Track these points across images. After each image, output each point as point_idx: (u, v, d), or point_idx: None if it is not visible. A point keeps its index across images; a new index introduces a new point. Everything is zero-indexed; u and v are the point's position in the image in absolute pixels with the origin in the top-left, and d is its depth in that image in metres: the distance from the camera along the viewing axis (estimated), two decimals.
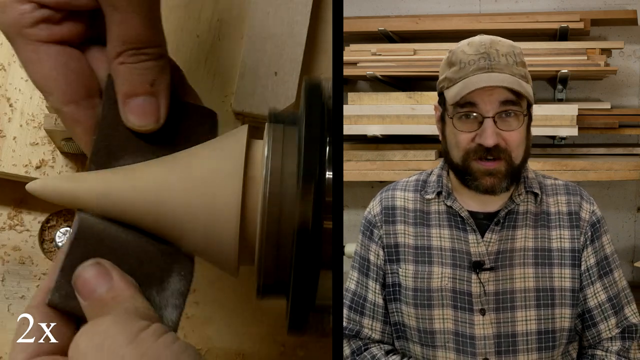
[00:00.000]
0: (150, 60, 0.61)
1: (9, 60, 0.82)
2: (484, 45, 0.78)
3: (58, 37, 0.62)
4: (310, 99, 0.62)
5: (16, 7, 0.60)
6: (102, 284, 0.56)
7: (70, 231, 0.83)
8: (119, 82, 0.62)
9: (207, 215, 0.60)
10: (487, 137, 0.76)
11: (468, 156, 0.78)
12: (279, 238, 0.60)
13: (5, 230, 0.83)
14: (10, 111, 0.81)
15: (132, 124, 0.62)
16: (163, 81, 0.62)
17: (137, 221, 0.61)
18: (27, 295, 0.81)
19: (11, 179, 0.81)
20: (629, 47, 1.69)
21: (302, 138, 0.59)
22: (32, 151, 0.80)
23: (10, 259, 0.82)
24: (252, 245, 0.61)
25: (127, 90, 0.62)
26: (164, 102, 0.63)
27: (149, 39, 0.60)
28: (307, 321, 0.62)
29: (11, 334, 0.79)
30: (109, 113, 0.63)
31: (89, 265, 0.57)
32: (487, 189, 0.78)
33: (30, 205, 0.83)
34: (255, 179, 0.60)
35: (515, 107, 0.77)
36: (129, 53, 0.60)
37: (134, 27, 0.59)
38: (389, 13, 1.78)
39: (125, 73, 0.61)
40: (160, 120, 0.63)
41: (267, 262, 0.61)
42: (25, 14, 0.60)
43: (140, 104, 0.62)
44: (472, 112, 0.77)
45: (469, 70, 0.77)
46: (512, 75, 0.76)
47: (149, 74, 0.61)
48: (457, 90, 0.77)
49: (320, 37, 0.89)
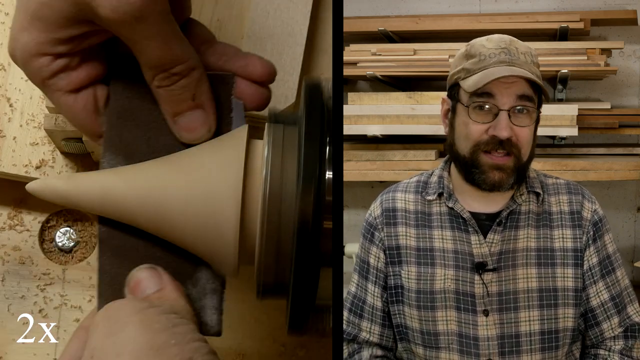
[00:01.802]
0: (183, 77, 0.62)
1: (9, 61, 0.82)
2: (504, 42, 0.79)
3: (77, 84, 0.63)
4: (310, 99, 0.62)
5: (35, 60, 0.61)
6: (153, 285, 0.60)
7: (69, 231, 0.83)
8: (162, 104, 0.63)
9: (206, 215, 0.60)
10: (502, 128, 0.76)
11: (478, 148, 0.78)
12: (279, 238, 0.60)
13: (5, 230, 0.82)
14: (10, 111, 0.81)
15: (186, 140, 0.64)
16: (203, 92, 0.63)
17: (137, 221, 0.61)
18: (27, 295, 0.81)
19: (11, 179, 0.81)
20: (629, 47, 1.69)
21: (302, 138, 0.59)
22: (32, 151, 0.80)
23: (10, 259, 0.82)
24: (252, 245, 0.61)
25: (172, 111, 0.63)
26: (210, 109, 0.64)
27: (171, 59, 0.61)
28: (307, 321, 0.62)
29: (11, 333, 0.80)
30: (115, 110, 0.64)
31: (144, 267, 0.61)
32: (495, 184, 0.78)
33: (30, 205, 0.83)
34: (255, 178, 0.60)
35: (529, 104, 0.78)
36: (160, 77, 0.61)
37: (153, 54, 0.60)
38: (389, 13, 1.78)
39: (165, 96, 0.62)
40: (212, 128, 0.64)
41: (267, 262, 0.61)
42: (43, 67, 0.61)
43: (188, 120, 0.63)
44: (487, 103, 0.77)
45: (490, 62, 0.77)
46: (531, 72, 0.77)
47: (186, 91, 0.62)
48: (477, 79, 0.77)
49: (320, 37, 0.89)
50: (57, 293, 0.82)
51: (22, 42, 0.60)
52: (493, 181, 0.78)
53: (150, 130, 0.64)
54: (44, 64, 0.61)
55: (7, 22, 0.83)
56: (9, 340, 0.80)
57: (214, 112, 0.64)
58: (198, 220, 0.60)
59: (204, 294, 0.63)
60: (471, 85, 0.78)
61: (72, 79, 0.63)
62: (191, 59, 0.62)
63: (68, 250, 0.83)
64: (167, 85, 0.62)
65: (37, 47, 0.60)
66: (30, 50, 0.61)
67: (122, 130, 0.64)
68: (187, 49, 0.62)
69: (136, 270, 0.61)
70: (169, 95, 0.62)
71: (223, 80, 0.65)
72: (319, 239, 0.58)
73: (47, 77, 0.62)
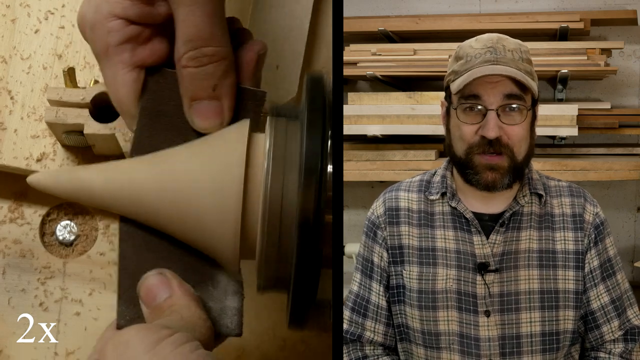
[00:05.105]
0: (212, 63, 0.62)
1: (10, 53, 0.82)
2: (491, 41, 0.79)
3: (139, 61, 0.63)
4: (312, 93, 0.62)
5: (105, 24, 0.61)
6: (163, 292, 0.60)
7: (70, 224, 0.83)
8: (183, 85, 0.63)
9: (208, 208, 0.60)
10: (489, 129, 0.76)
11: (471, 150, 0.78)
12: (280, 231, 0.60)
13: (6, 223, 0.82)
14: (12, 104, 0.81)
15: (197, 126, 0.64)
16: (226, 84, 0.63)
17: (139, 214, 0.61)
18: (28, 288, 0.81)
19: (12, 171, 0.80)
20: (629, 47, 1.70)
21: (304, 131, 0.59)
22: (33, 144, 0.80)
23: (11, 252, 0.82)
24: (253, 238, 0.61)
25: (191, 95, 0.63)
26: (228, 104, 0.63)
27: (209, 35, 0.61)
28: (307, 316, 0.62)
29: (11, 326, 0.80)
30: (147, 104, 0.64)
31: (153, 274, 0.61)
32: (489, 184, 0.78)
33: (31, 198, 0.83)
34: (256, 172, 0.60)
35: (519, 102, 0.77)
36: (190, 55, 0.61)
37: (195, 23, 0.60)
38: (389, 13, 1.79)
39: (188, 78, 0.62)
40: (225, 122, 0.64)
41: (268, 256, 0.61)
42: (112, 32, 0.61)
43: (204, 107, 0.63)
44: (476, 105, 0.77)
45: (475, 63, 0.77)
46: (518, 69, 0.77)
47: (210, 78, 0.62)
48: (461, 81, 0.77)
49: (322, 31, 0.89)
50: (58, 286, 0.81)
51: (98, 1, 0.60)
52: (487, 181, 0.78)
53: (180, 136, 0.64)
54: (115, 27, 0.61)
55: (8, 15, 0.83)
56: (9, 333, 0.80)
57: (232, 107, 0.64)
58: (199, 213, 0.60)
59: (225, 295, 0.63)
60: (457, 86, 0.78)
61: (137, 53, 0.63)
62: (225, 48, 0.62)
63: (69, 243, 0.83)
64: (193, 66, 0.61)
65: (112, 7, 0.60)
66: (104, 10, 0.60)
67: (153, 132, 0.64)
68: (226, 36, 0.62)
69: (145, 278, 0.61)
70: (192, 79, 0.62)
71: (255, 96, 0.65)
72: (320, 233, 0.58)
73: (114, 43, 0.62)
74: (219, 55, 0.62)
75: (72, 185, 0.61)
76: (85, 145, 0.80)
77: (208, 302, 0.63)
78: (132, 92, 0.64)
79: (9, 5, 0.83)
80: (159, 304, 0.59)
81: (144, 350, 0.53)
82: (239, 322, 0.64)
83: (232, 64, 0.63)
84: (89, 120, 0.75)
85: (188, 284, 0.62)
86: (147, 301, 0.60)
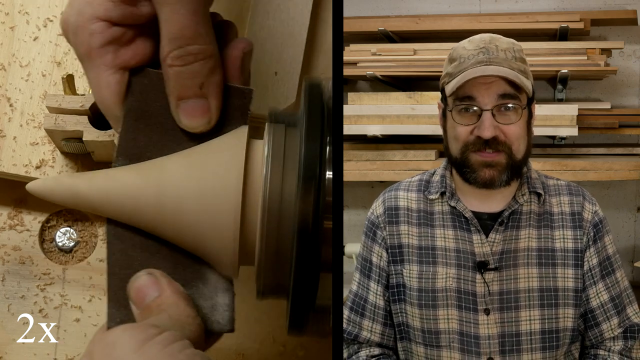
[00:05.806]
0: (198, 61, 0.61)
1: (9, 60, 0.82)
2: (483, 41, 0.79)
3: (122, 63, 0.63)
4: (311, 99, 0.62)
5: (88, 26, 0.61)
6: (152, 292, 0.60)
7: (69, 231, 0.83)
8: (169, 85, 0.63)
9: (207, 215, 0.60)
10: (485, 129, 0.76)
11: (467, 149, 0.78)
12: (279, 238, 0.60)
13: (6, 230, 0.83)
14: (11, 111, 0.81)
15: (184, 125, 0.63)
16: (213, 82, 0.63)
17: (137, 221, 0.61)
18: (27, 295, 0.81)
19: (11, 178, 0.81)
20: (629, 47, 1.69)
21: (303, 138, 0.59)
22: (32, 151, 0.80)
23: (11, 258, 0.82)
24: (252, 245, 0.61)
25: (177, 94, 0.63)
26: (215, 102, 0.63)
27: (194, 33, 0.61)
28: (307, 321, 0.62)
29: (11, 333, 0.80)
30: (132, 105, 0.64)
31: (142, 274, 0.61)
32: (486, 182, 0.78)
33: (31, 205, 0.83)
34: (255, 179, 0.60)
35: (513, 101, 0.77)
36: (175, 54, 0.61)
37: (179, 21, 0.60)
38: (389, 13, 1.78)
39: (174, 77, 0.62)
40: (212, 120, 0.64)
41: (267, 262, 0.61)
42: (95, 34, 0.61)
43: (191, 106, 0.63)
44: (471, 106, 0.77)
45: (468, 64, 0.77)
46: (511, 69, 0.77)
47: (196, 76, 0.62)
48: (454, 83, 0.77)
49: (320, 37, 0.89)
50: (57, 293, 0.82)
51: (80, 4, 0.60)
52: (484, 179, 0.78)
53: (166, 136, 0.64)
54: (97, 30, 0.61)
55: (7, 22, 0.83)
56: (9, 340, 0.80)
57: (219, 106, 0.64)
58: (198, 220, 0.60)
59: (215, 292, 0.63)
60: (450, 89, 0.78)
61: (120, 54, 0.63)
62: (210, 46, 0.62)
63: (68, 250, 0.83)
64: (179, 65, 0.61)
65: (95, 9, 0.60)
66: (87, 13, 0.60)
67: (138, 134, 0.64)
68: (211, 35, 0.62)
69: (135, 278, 0.61)
70: (178, 77, 0.62)
71: (242, 94, 0.65)
72: (319, 239, 0.58)
73: (96, 45, 0.61)
74: (204, 53, 0.62)
75: (69, 193, 0.61)
76: (84, 152, 0.80)
77: (198, 300, 0.62)
78: (116, 94, 0.64)
79: (7, 12, 0.83)
80: (148, 304, 0.59)
81: (132, 349, 0.53)
82: (231, 318, 0.63)
83: (218, 62, 0.63)
84: (88, 127, 0.75)
85: (177, 283, 0.61)
86: (137, 301, 0.60)
